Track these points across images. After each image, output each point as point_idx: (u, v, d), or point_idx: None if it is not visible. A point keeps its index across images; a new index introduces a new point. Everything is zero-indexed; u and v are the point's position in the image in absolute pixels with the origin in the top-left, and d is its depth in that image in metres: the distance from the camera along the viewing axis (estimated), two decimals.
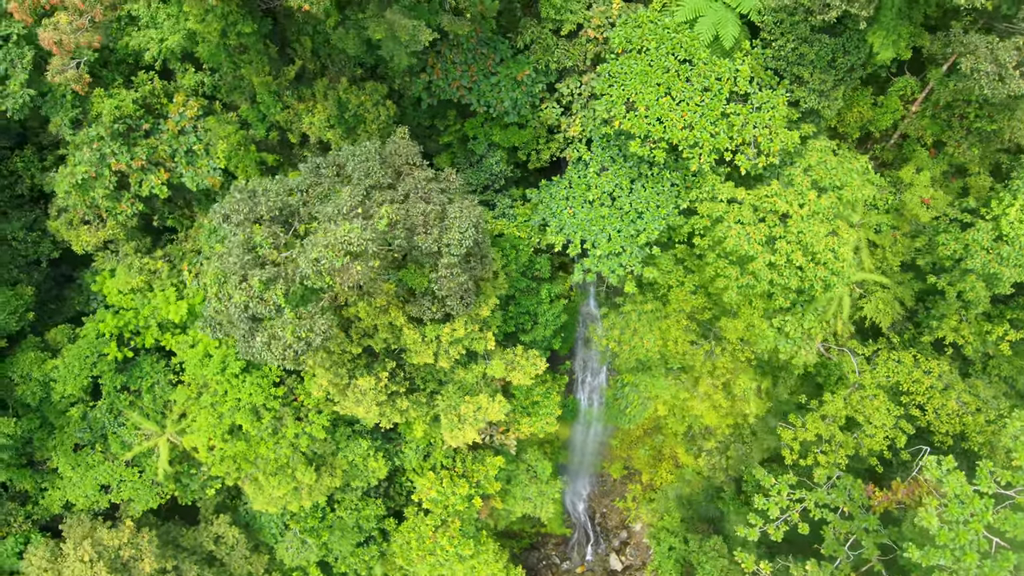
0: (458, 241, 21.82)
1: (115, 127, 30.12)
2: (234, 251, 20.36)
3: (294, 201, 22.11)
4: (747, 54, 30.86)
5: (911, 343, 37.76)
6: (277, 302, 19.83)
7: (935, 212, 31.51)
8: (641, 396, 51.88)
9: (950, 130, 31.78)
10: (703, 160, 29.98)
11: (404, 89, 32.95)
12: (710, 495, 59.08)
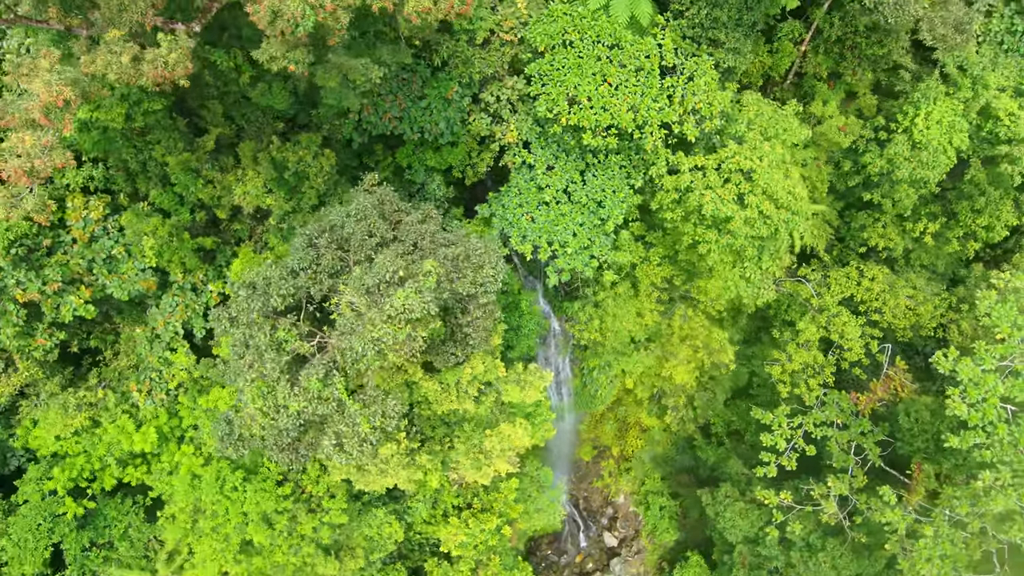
0: (493, 277, 20.54)
1: (14, 253, 25.25)
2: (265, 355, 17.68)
3: (302, 283, 19.61)
4: (663, 28, 31.83)
5: (840, 258, 41.46)
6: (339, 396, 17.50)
7: (852, 137, 34.52)
8: (609, 377, 52.74)
9: (844, 61, 34.83)
10: (655, 137, 30.63)
11: (333, 133, 30.53)
12: (681, 448, 61.55)
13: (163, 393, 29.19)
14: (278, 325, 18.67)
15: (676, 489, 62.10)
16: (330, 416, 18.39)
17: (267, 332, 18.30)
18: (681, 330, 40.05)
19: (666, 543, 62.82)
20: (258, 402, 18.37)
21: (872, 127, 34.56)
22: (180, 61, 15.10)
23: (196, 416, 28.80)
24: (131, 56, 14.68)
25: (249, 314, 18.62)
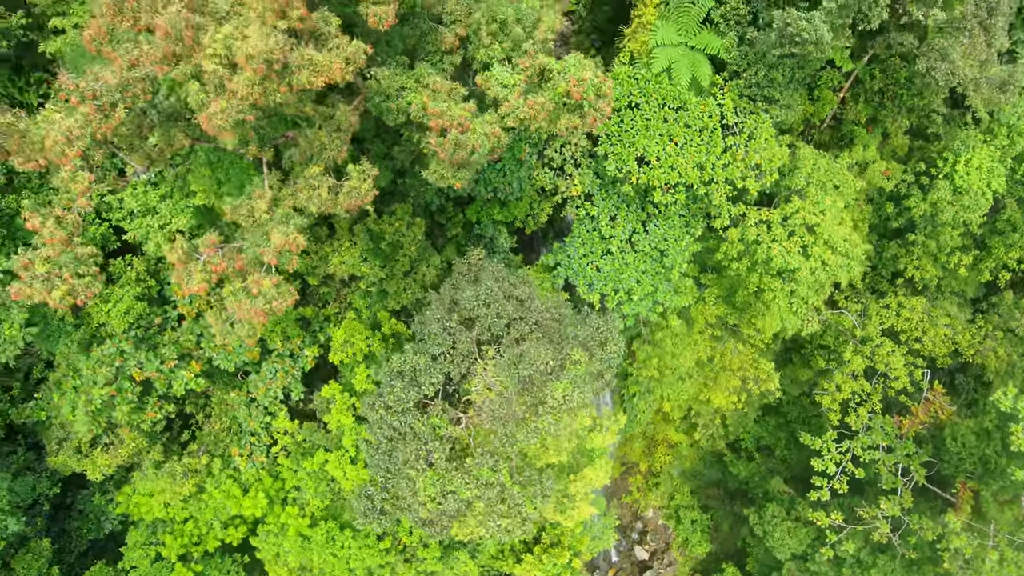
0: (617, 354, 22.12)
1: (134, 334, 26.23)
2: (432, 446, 19.01)
3: (443, 367, 20.99)
4: (722, 88, 33.64)
5: (873, 285, 43.74)
6: (502, 481, 18.92)
7: (894, 181, 36.68)
8: (648, 401, 54.58)
9: (884, 109, 36.98)
10: (721, 193, 32.45)
11: (417, 199, 31.86)
12: (709, 462, 63.65)
13: (263, 456, 30.31)
14: (430, 411, 20.04)
15: (706, 502, 64.14)
16: (486, 496, 19.83)
17: (423, 421, 19.66)
18: (731, 363, 41.97)
19: (698, 555, 64.74)
20: (430, 490, 19.67)
21: (913, 172, 36.75)
22: (369, 190, 16.44)
23: (299, 478, 29.94)
24: (328, 188, 15.98)
25: (406, 403, 19.96)
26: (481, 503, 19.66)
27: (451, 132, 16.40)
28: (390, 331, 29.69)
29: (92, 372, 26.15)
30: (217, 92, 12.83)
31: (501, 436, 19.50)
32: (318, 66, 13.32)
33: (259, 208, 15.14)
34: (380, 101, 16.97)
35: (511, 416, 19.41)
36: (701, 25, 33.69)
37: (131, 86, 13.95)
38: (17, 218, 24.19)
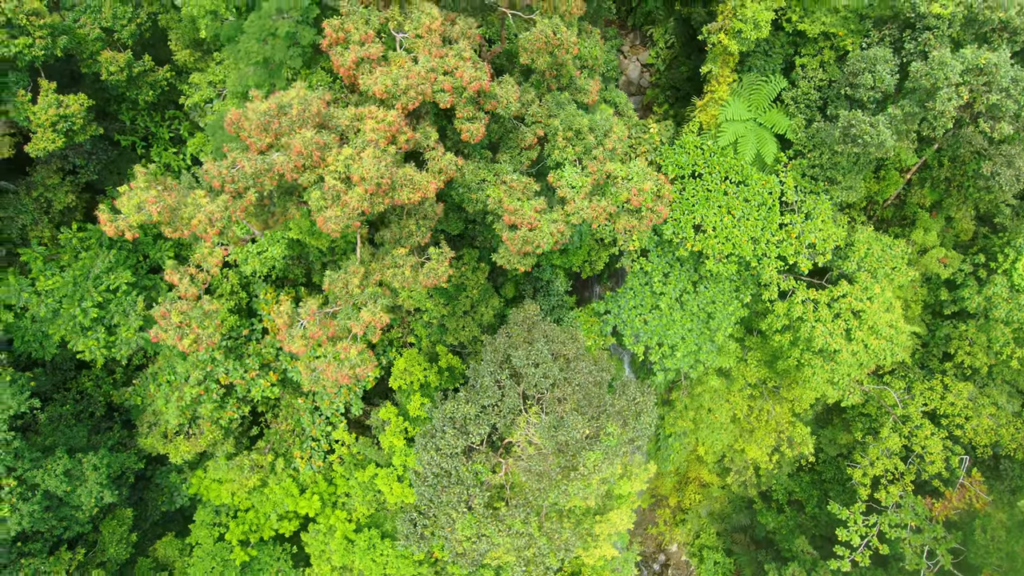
0: (649, 424, 24.12)
1: (225, 345, 29.79)
2: (473, 491, 21.54)
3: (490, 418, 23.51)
4: (785, 166, 34.86)
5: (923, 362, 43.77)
6: (531, 532, 21.29)
7: (951, 269, 37.01)
8: (683, 443, 55.82)
9: (949, 197, 37.33)
10: (772, 268, 33.74)
11: (483, 244, 34.47)
12: (739, 508, 64.10)
13: (321, 461, 33.56)
14: (474, 457, 22.54)
15: (731, 546, 64.69)
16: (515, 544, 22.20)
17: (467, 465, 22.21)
18: (767, 424, 42.98)
19: None
20: (467, 531, 22.24)
21: (972, 263, 37.00)
22: (445, 271, 19.02)
23: (350, 486, 33.06)
24: (411, 267, 18.63)
25: (454, 449, 22.55)
26: (512, 552, 21.98)
27: (521, 229, 18.78)
28: (446, 364, 32.41)
29: (186, 372, 29.87)
30: (333, 201, 15.60)
31: (534, 490, 21.79)
32: (416, 184, 15.94)
33: (352, 283, 17.91)
34: (463, 191, 19.49)
35: (546, 473, 21.68)
36: (772, 104, 34.99)
37: (262, 175, 16.90)
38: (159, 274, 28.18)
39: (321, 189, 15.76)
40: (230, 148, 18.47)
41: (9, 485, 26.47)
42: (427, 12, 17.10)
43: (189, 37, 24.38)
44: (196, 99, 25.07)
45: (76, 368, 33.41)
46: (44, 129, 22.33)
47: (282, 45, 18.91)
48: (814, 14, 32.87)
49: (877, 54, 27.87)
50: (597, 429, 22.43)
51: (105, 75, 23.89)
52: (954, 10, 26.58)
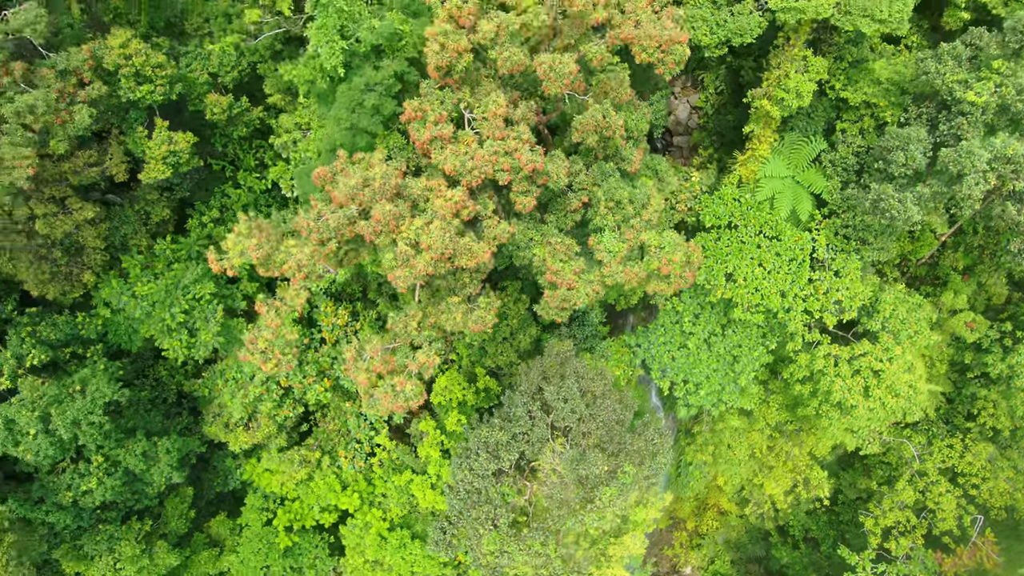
0: (665, 464, 26.44)
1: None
2: (500, 512, 24.25)
3: (520, 446, 26.18)
4: (819, 224, 36.51)
5: (947, 417, 44.61)
6: (549, 554, 23.87)
7: (978, 334, 38.05)
8: (703, 472, 57.44)
9: (981, 264, 38.37)
10: (798, 321, 35.48)
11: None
12: (755, 539, 65.23)
13: (362, 462, 36.75)
14: (503, 480, 25.23)
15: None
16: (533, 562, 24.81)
17: (496, 487, 24.91)
18: (785, 464, 44.52)
19: None
20: (492, 547, 24.97)
21: (999, 329, 37.97)
22: (491, 319, 21.71)
23: (387, 487, 36.16)
24: (462, 314, 21.38)
25: (485, 471, 25.27)
26: (530, 568, 24.55)
27: (560, 288, 21.37)
28: (483, 385, 35.21)
29: (251, 372, 33.39)
30: (403, 263, 18.42)
31: (555, 516, 24.30)
32: (474, 253, 18.66)
33: (411, 325, 20.77)
34: (512, 249, 22.16)
35: (566, 501, 24.18)
36: (810, 163, 36.67)
37: (342, 228, 19.87)
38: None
39: (394, 251, 18.64)
40: (316, 198, 21.59)
41: (97, 461, 30.34)
42: (494, 100, 19.79)
43: (282, 84, 27.69)
44: (284, 139, 28.41)
45: (154, 359, 37.36)
46: (156, 161, 25.91)
47: (367, 114, 21.87)
48: (857, 83, 34.48)
49: (911, 134, 29.46)
50: (616, 466, 24.86)
51: (209, 115, 27.40)
52: (988, 99, 28.02)
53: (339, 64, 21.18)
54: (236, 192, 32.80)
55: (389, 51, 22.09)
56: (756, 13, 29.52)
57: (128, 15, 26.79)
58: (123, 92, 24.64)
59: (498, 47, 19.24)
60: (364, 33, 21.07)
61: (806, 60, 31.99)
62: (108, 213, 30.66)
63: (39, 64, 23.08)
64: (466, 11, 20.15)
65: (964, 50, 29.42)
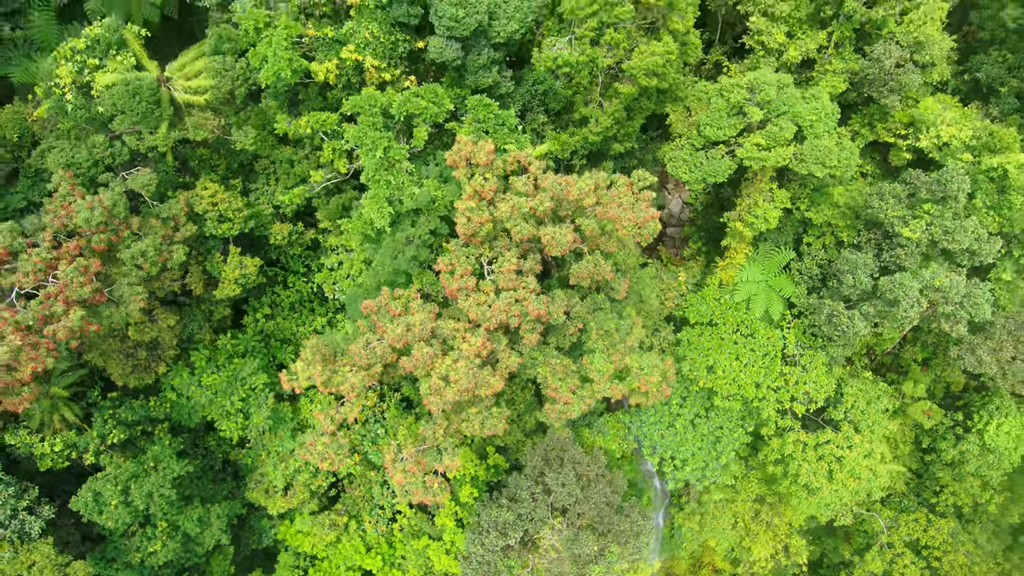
0: (645, 543, 31.16)
1: None
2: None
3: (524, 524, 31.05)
4: (790, 323, 41.74)
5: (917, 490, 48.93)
6: None
7: (935, 421, 42.80)
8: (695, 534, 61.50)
9: (935, 358, 43.33)
10: (771, 409, 40.43)
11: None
12: None
13: (384, 527, 41.57)
14: (509, 555, 30.01)
15: None
16: None
17: (504, 561, 29.69)
18: (767, 531, 48.81)
19: None
20: None
21: (952, 418, 42.69)
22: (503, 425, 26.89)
23: (406, 551, 40.88)
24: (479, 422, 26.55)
25: (495, 547, 30.10)
26: None
27: (559, 403, 26.61)
28: (493, 462, 40.20)
29: (292, 447, 38.58)
30: (436, 392, 23.70)
31: None
32: (491, 384, 23.94)
33: (438, 432, 25.94)
34: (520, 368, 27.47)
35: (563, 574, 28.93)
36: (781, 270, 42.10)
37: (386, 356, 25.27)
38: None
39: (429, 383, 24.02)
40: (364, 325, 27.14)
41: (162, 526, 35.41)
42: (507, 258, 25.34)
43: (332, 214, 33.56)
44: (332, 260, 34.21)
45: (205, 431, 42.67)
46: (229, 282, 31.65)
47: (406, 260, 27.49)
48: (819, 206, 40.08)
49: (859, 260, 34.87)
50: (605, 545, 29.56)
51: (272, 240, 33.26)
52: (921, 235, 33.45)
53: (386, 224, 26.94)
54: (285, 292, 38.53)
55: (425, 211, 27.88)
56: (727, 158, 35.31)
57: (210, 161, 32.92)
58: (208, 229, 30.53)
59: (512, 221, 24.91)
60: (407, 200, 26.89)
61: (772, 191, 37.70)
62: (180, 312, 36.38)
63: (147, 213, 29.02)
64: (488, 188, 25.95)
65: (902, 189, 35.01)
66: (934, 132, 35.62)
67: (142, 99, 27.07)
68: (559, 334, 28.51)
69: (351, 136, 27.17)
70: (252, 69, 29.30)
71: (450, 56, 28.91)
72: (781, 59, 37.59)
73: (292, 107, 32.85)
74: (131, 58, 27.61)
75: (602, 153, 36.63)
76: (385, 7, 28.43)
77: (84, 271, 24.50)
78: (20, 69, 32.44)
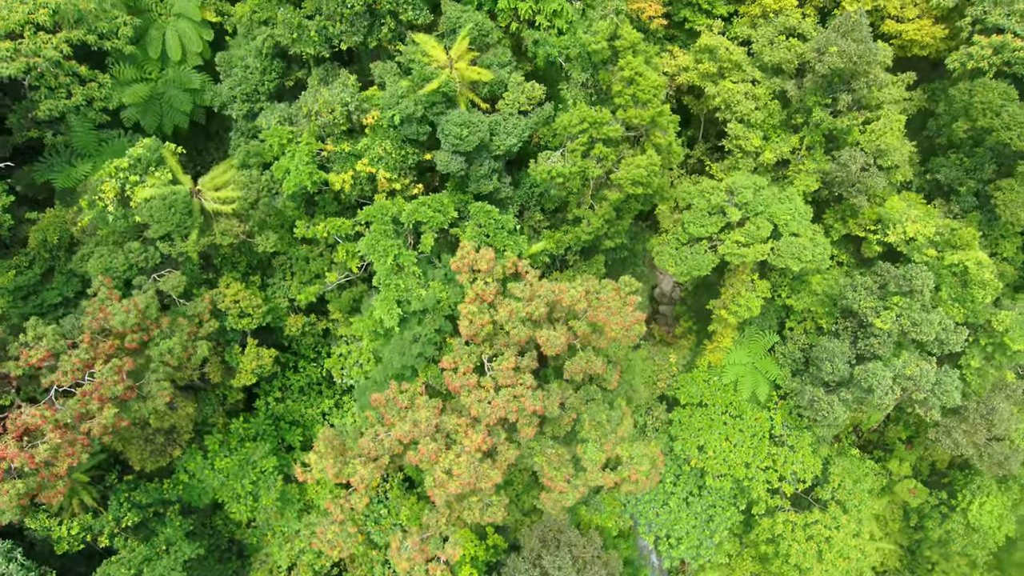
0: None
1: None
2: None
3: None
4: (776, 404, 43.70)
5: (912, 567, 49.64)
6: None
7: (920, 499, 44.16)
8: None
9: (918, 437, 45.05)
10: (760, 488, 41.89)
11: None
12: None
13: None
14: None
15: None
16: None
17: None
18: None
19: None
20: None
21: (937, 497, 44.09)
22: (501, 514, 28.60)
23: None
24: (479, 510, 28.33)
25: None
26: None
27: (555, 491, 28.39)
28: (492, 543, 41.38)
29: (297, 529, 39.82)
30: (439, 485, 25.59)
31: None
32: (491, 477, 25.90)
33: (441, 522, 27.59)
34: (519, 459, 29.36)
35: None
36: (767, 352, 44.36)
37: (394, 449, 27.20)
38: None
39: (432, 476, 25.94)
40: (372, 416, 29.18)
41: None
42: (506, 357, 27.69)
43: (343, 306, 36.09)
44: (343, 350, 36.58)
45: (212, 511, 43.93)
46: (246, 372, 33.86)
47: (412, 357, 29.83)
48: (799, 293, 42.70)
49: (836, 348, 37.20)
50: None
51: (287, 331, 35.69)
52: (892, 326, 35.89)
53: (395, 324, 29.43)
54: (296, 376, 40.65)
55: (431, 310, 30.41)
56: (710, 252, 38.14)
57: (232, 258, 35.69)
58: (229, 324, 32.99)
59: (510, 324, 27.38)
60: (415, 302, 29.47)
61: (753, 282, 40.40)
62: (196, 397, 38.41)
63: (174, 311, 31.55)
64: (488, 291, 28.55)
65: (873, 281, 37.69)
66: (900, 228, 38.56)
67: (177, 210, 29.98)
68: (554, 424, 30.52)
69: (365, 246, 29.98)
70: (276, 180, 32.38)
71: (455, 168, 32.05)
72: (758, 160, 40.97)
73: (308, 207, 35.89)
74: (168, 173, 30.71)
75: (595, 247, 39.47)
76: (398, 127, 31.75)
77: (118, 371, 26.74)
78: (62, 175, 35.58)
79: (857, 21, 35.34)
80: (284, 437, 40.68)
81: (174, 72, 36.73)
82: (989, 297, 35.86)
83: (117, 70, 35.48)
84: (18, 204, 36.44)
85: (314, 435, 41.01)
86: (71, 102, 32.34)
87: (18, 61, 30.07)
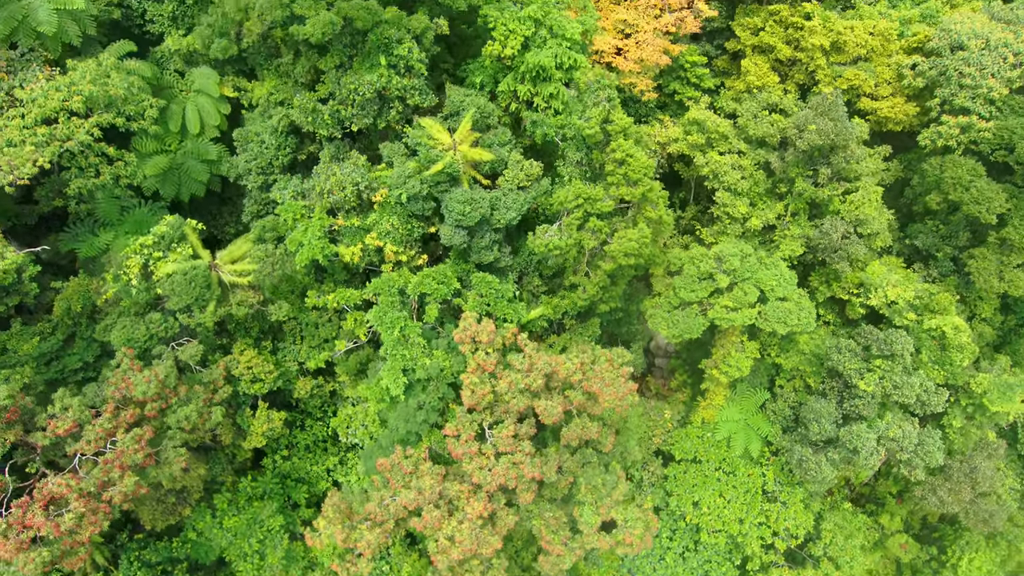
0: None
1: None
2: None
3: None
4: (768, 460, 44.98)
5: None
6: None
7: (912, 555, 45.08)
8: None
9: (908, 491, 46.21)
10: (755, 544, 42.90)
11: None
12: None
13: None
14: None
15: None
16: None
17: None
18: None
19: None
20: None
21: (927, 552, 45.04)
22: (502, 574, 29.87)
23: None
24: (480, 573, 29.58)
25: None
26: None
27: (552, 555, 29.64)
28: None
29: None
30: (442, 551, 26.91)
31: None
32: (491, 543, 27.19)
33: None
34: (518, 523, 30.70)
35: None
36: (758, 409, 45.85)
37: (399, 514, 28.58)
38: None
39: (436, 541, 27.28)
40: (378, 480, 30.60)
41: None
42: (506, 426, 29.32)
43: (350, 369, 37.79)
44: (349, 411, 38.15)
45: (218, 566, 44.78)
46: (256, 435, 35.36)
47: (417, 423, 31.42)
48: (788, 352, 44.43)
49: (822, 409, 38.76)
50: None
51: (296, 394, 37.30)
52: (875, 388, 37.52)
53: (400, 392, 31.11)
54: (302, 435, 42.05)
55: (435, 379, 32.13)
56: (700, 316, 40.02)
57: (245, 324, 37.53)
58: (242, 389, 34.64)
59: (510, 394, 29.07)
60: (419, 371, 31.22)
61: (743, 343, 42.17)
62: (206, 457, 39.77)
63: (190, 378, 33.22)
64: (489, 362, 30.30)
65: (857, 344, 39.45)
66: (881, 292, 40.53)
67: (197, 284, 31.92)
68: (552, 487, 31.92)
69: (374, 317, 31.86)
70: (289, 253, 34.43)
71: (458, 241, 34.13)
72: (745, 225, 43.16)
73: (318, 272, 37.90)
74: (189, 248, 32.75)
75: (591, 311, 41.35)
76: (405, 204, 33.95)
77: (139, 439, 28.28)
78: (86, 245, 37.62)
79: (833, 102, 37.92)
80: (290, 495, 41.87)
81: (193, 144, 39.07)
82: (967, 360, 37.58)
83: (140, 143, 37.82)
84: (43, 272, 38.43)
85: (319, 492, 42.21)
86: (99, 180, 34.56)
87: (52, 146, 32.35)
